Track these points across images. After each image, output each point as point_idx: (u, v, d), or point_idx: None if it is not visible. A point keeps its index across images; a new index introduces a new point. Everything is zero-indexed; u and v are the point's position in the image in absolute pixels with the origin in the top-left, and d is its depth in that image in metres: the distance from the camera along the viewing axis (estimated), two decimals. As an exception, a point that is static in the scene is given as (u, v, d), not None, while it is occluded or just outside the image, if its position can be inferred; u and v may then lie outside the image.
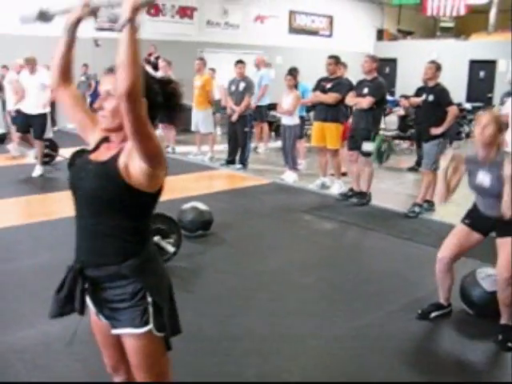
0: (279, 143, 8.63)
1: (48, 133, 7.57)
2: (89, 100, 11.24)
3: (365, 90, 6.12)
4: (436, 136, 5.72)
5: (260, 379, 2.81)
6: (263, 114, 9.73)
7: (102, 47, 11.43)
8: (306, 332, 3.34)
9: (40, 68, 7.25)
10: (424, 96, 5.86)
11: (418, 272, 4.33)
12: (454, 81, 12.53)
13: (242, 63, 8.30)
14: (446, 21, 19.53)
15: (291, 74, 7.43)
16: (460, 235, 3.33)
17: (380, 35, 19.02)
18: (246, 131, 8.20)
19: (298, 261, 4.59)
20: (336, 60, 6.73)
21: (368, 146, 6.11)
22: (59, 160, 7.86)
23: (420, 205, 5.92)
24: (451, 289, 3.47)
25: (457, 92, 12.20)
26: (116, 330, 1.77)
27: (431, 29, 20.14)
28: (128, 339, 1.76)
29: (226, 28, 14.60)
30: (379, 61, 6.50)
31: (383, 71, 16.23)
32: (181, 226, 4.54)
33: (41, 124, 7.24)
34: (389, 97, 10.61)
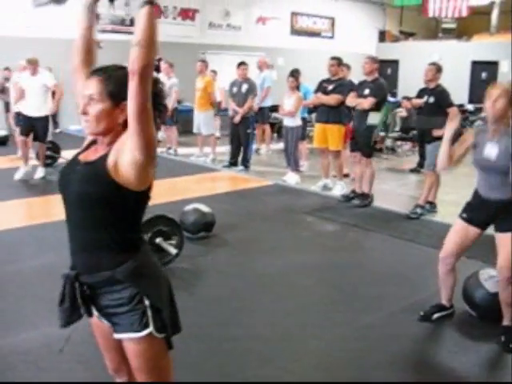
0: (281, 145, 8.63)
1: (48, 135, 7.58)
2: None
3: (366, 91, 6.12)
4: (438, 137, 5.70)
5: (261, 380, 2.80)
6: (265, 116, 9.73)
7: (105, 49, 11.42)
8: (308, 333, 3.35)
9: (42, 70, 7.24)
10: (425, 98, 5.87)
11: (420, 273, 4.32)
12: (456, 82, 12.55)
13: (245, 65, 8.31)
14: (448, 22, 19.52)
15: (293, 76, 7.42)
16: (460, 233, 3.30)
17: (382, 36, 19.01)
18: (249, 133, 8.21)
19: (300, 262, 4.59)
20: (338, 61, 6.72)
21: (374, 119, 6.09)
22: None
23: (422, 206, 5.92)
24: (454, 288, 3.45)
25: (459, 93, 12.22)
26: (117, 335, 1.77)
27: (433, 30, 20.11)
28: (128, 343, 1.76)
29: (228, 30, 14.60)
30: (381, 62, 6.51)
31: (385, 72, 16.24)
32: (183, 228, 4.55)
33: (43, 126, 7.24)
34: (391, 98, 10.61)
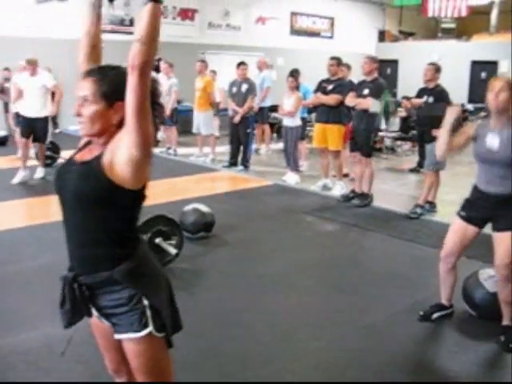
0: (281, 145, 8.63)
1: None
2: None
3: (365, 91, 6.12)
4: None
5: (261, 380, 2.81)
6: (265, 116, 9.73)
7: (104, 49, 11.43)
8: (308, 333, 3.35)
9: (41, 70, 7.23)
10: (425, 97, 5.87)
11: (420, 273, 4.33)
12: (456, 82, 12.56)
13: (245, 65, 8.30)
14: (448, 22, 19.54)
15: (293, 76, 7.42)
16: (458, 233, 3.30)
17: (381, 36, 19.04)
18: (248, 133, 8.21)
19: (300, 262, 4.59)
20: (338, 61, 6.72)
21: (375, 107, 6.09)
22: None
23: (422, 206, 5.92)
24: (454, 288, 3.45)
25: (458, 93, 12.24)
26: (117, 336, 1.77)
27: (433, 30, 20.13)
28: (128, 343, 1.75)
29: (228, 30, 14.60)
30: (381, 62, 6.50)
31: (384, 72, 16.25)
32: (182, 228, 4.55)
33: (43, 127, 7.22)
34: (390, 98, 10.60)
